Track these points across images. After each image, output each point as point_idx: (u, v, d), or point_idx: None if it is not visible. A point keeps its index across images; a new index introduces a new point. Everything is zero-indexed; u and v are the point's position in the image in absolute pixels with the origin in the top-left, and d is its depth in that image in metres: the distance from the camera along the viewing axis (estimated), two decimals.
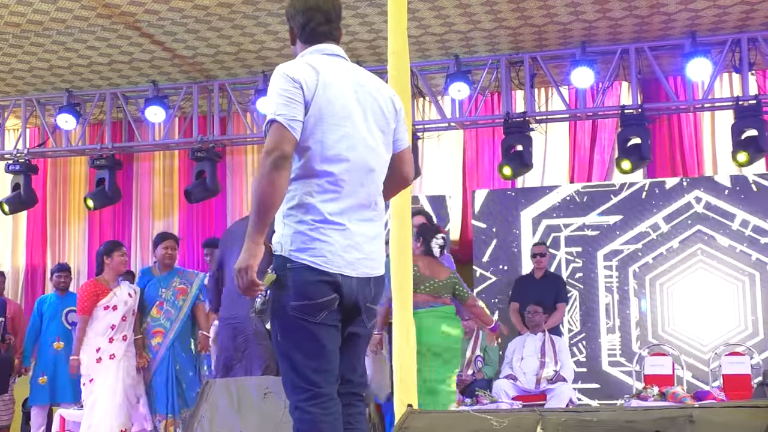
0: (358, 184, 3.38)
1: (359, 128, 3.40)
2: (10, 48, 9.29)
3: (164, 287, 7.97)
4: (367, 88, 3.49)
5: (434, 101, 9.96)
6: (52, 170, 11.91)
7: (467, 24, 8.81)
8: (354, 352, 3.48)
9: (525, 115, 9.54)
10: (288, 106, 3.25)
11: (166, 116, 10.27)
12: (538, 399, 8.16)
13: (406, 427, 2.79)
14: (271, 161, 3.20)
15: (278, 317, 3.34)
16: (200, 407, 5.70)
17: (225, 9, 8.34)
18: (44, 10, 8.30)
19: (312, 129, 3.30)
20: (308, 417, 3.26)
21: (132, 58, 9.66)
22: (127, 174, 11.45)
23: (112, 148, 10.76)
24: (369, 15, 8.52)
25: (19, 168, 10.72)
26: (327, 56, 3.49)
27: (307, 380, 3.28)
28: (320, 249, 3.28)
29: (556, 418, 2.72)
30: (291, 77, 3.29)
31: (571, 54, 9.34)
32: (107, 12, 8.39)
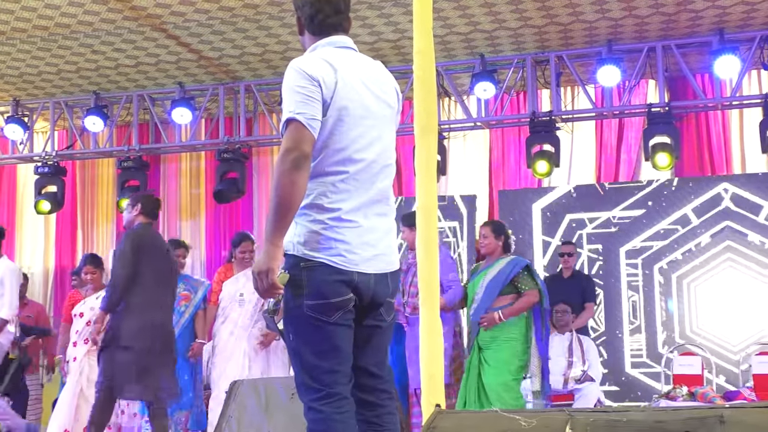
0: (372, 181, 3.37)
1: (375, 126, 3.40)
2: (39, 51, 9.36)
3: None
4: (377, 81, 3.49)
5: (460, 101, 9.95)
6: (81, 172, 11.99)
7: (492, 23, 8.79)
8: (378, 346, 3.46)
9: (551, 114, 9.51)
10: (307, 104, 3.23)
11: (193, 118, 10.31)
12: (566, 399, 8.13)
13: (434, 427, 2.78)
14: (290, 161, 3.18)
15: (292, 317, 3.32)
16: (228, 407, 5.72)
17: (250, 10, 8.37)
18: (71, 14, 8.36)
19: (330, 129, 3.28)
20: (321, 416, 3.25)
21: (158, 60, 9.71)
22: (154, 175, 11.50)
23: (139, 150, 10.82)
24: (394, 15, 8.51)
25: (48, 170, 10.80)
26: (339, 49, 3.47)
27: (319, 380, 3.27)
28: (336, 248, 3.26)
29: (585, 418, 2.70)
30: (309, 74, 3.26)
31: (597, 52, 9.30)
32: (134, 14, 8.43)
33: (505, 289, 7.35)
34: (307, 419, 3.30)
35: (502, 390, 7.15)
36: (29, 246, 12.13)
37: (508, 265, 7.41)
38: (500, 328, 7.29)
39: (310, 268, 3.24)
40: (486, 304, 7.32)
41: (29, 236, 12.18)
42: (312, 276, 3.24)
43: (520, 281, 7.34)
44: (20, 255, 11.83)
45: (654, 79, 9.69)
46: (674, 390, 7.52)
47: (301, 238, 3.26)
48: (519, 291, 7.34)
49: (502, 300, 7.33)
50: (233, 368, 7.85)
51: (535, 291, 7.34)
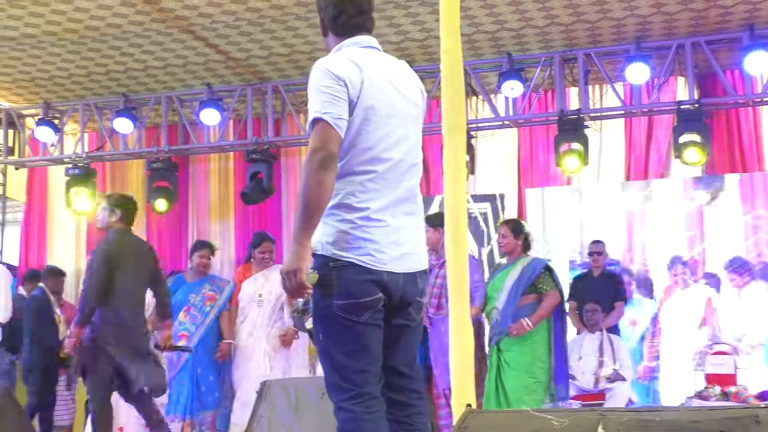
0: (400, 180, 3.38)
1: (401, 125, 3.40)
2: (68, 54, 9.42)
3: (194, 293, 8.14)
4: (403, 80, 3.50)
5: (487, 100, 9.92)
6: (111, 173, 12.05)
7: (519, 21, 8.75)
8: (407, 345, 3.46)
9: (579, 112, 9.45)
10: (333, 104, 3.23)
11: (221, 119, 10.34)
12: (597, 398, 8.10)
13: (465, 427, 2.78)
14: (317, 161, 3.18)
15: (321, 317, 3.33)
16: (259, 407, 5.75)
17: (278, 11, 8.38)
18: (100, 16, 8.41)
19: (357, 128, 3.28)
20: (351, 416, 3.25)
21: (186, 61, 9.75)
22: (183, 176, 11.54)
23: (168, 151, 10.87)
24: (421, 14, 8.50)
25: (79, 172, 10.86)
26: (364, 49, 3.46)
27: (348, 380, 3.27)
28: (365, 247, 3.26)
29: (618, 418, 2.68)
30: (335, 74, 3.27)
31: (625, 50, 9.23)
32: (161, 16, 8.47)
33: (527, 290, 7.34)
34: (338, 419, 3.30)
35: (524, 393, 7.14)
36: (60, 247, 12.21)
37: (530, 266, 7.41)
38: None
39: (339, 268, 3.25)
40: (511, 306, 7.31)
41: (60, 237, 12.25)
42: (341, 276, 3.25)
43: (540, 282, 7.34)
44: (52, 256, 11.91)
45: (683, 76, 9.61)
46: (707, 389, 7.48)
47: (330, 237, 3.27)
48: (539, 291, 7.33)
49: (525, 300, 7.33)
50: (254, 369, 7.91)
51: (556, 292, 7.34)
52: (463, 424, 2.83)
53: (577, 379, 8.36)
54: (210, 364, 8.09)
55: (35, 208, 12.33)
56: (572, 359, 8.52)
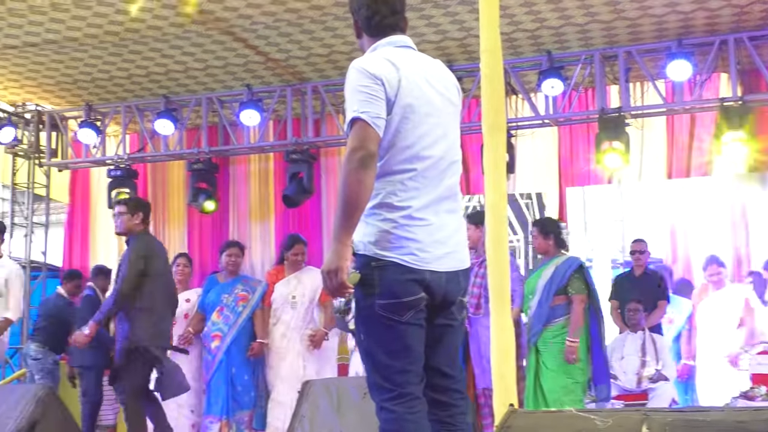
0: (440, 178, 3.37)
1: (440, 123, 3.39)
2: (110, 56, 9.51)
3: (227, 293, 8.19)
4: (439, 78, 3.49)
5: (527, 98, 9.87)
6: (152, 175, 12.14)
7: (559, 19, 8.71)
8: (449, 345, 3.45)
9: (620, 110, 9.37)
10: (371, 103, 3.23)
11: (261, 119, 10.37)
12: (640, 398, 8.05)
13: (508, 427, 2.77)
14: (357, 160, 3.18)
15: (363, 317, 3.32)
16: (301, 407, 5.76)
17: (317, 11, 8.40)
18: (141, 18, 8.48)
19: (396, 127, 3.28)
20: (393, 416, 3.24)
21: (226, 62, 9.80)
22: (223, 177, 11.60)
23: (209, 152, 10.93)
24: (459, 13, 8.48)
25: (120, 173, 10.95)
26: (399, 48, 3.47)
27: (391, 380, 3.26)
28: (408, 246, 3.25)
29: (662, 418, 2.66)
30: (372, 74, 3.27)
31: (666, 47, 9.14)
32: (201, 18, 8.52)
33: (559, 290, 7.28)
34: (380, 419, 3.30)
35: (562, 393, 7.09)
36: (103, 248, 12.30)
37: (563, 266, 7.33)
38: (558, 332, 7.22)
39: (381, 268, 3.24)
40: (543, 308, 7.26)
41: (103, 238, 12.35)
42: (383, 275, 3.24)
43: (570, 284, 7.25)
44: (94, 256, 12.01)
45: (726, 72, 9.51)
46: (752, 389, 7.40)
47: (371, 237, 3.27)
48: (568, 294, 7.25)
49: (557, 301, 7.27)
50: (287, 369, 7.94)
51: (581, 296, 7.22)
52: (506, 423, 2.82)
53: (619, 379, 8.31)
54: (244, 364, 8.14)
55: (78, 210, 12.44)
56: (614, 359, 8.47)
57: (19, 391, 6.74)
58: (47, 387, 6.69)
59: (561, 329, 7.22)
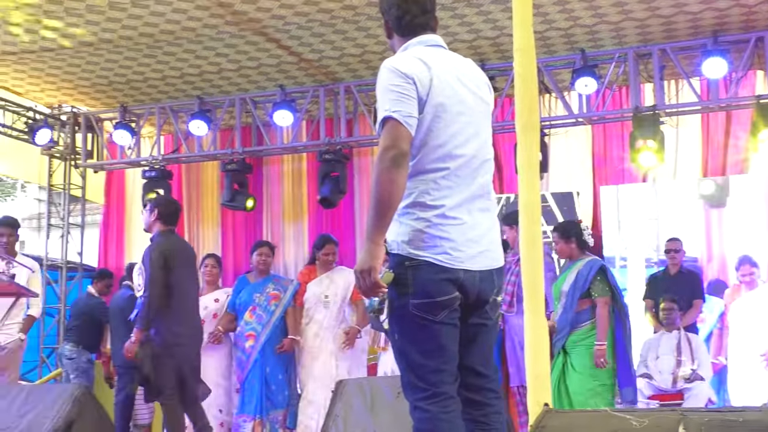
0: (473, 176, 3.36)
1: (471, 122, 3.38)
2: (144, 58, 9.58)
3: (258, 292, 8.21)
4: (471, 77, 3.48)
5: (561, 97, 9.83)
6: (186, 175, 12.22)
7: (593, 17, 8.67)
8: (483, 344, 3.44)
9: (655, 108, 9.31)
10: (403, 102, 3.23)
11: (294, 120, 10.41)
12: (675, 398, 7.98)
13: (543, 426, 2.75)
14: (389, 159, 3.17)
15: (397, 316, 3.32)
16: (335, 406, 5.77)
17: (349, 12, 8.42)
18: (175, 20, 8.53)
19: (428, 126, 3.28)
20: (427, 415, 3.24)
21: (260, 63, 9.84)
22: (257, 178, 11.65)
23: (242, 153, 10.97)
24: (492, 12, 8.47)
25: (155, 174, 11.03)
26: (430, 47, 3.46)
27: (425, 380, 3.26)
28: (441, 246, 3.24)
29: (699, 418, 2.64)
30: (404, 73, 3.27)
31: (702, 44, 9.08)
32: (235, 19, 8.57)
33: (583, 294, 7.20)
34: (414, 418, 3.30)
35: (589, 396, 7.01)
36: (138, 248, 12.33)
37: (585, 268, 7.24)
38: (585, 335, 7.15)
39: (415, 267, 3.24)
40: (569, 313, 7.19)
41: (138, 239, 12.42)
42: (417, 275, 3.23)
43: (592, 287, 7.17)
44: (129, 257, 12.08)
45: (762, 69, 9.42)
46: None
47: (405, 237, 3.26)
48: (591, 297, 7.16)
49: (582, 305, 7.19)
50: (320, 368, 7.95)
51: (605, 299, 7.13)
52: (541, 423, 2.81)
53: (654, 378, 8.25)
54: (278, 363, 8.15)
55: (113, 210, 12.55)
56: (649, 358, 8.41)
57: (56, 390, 6.79)
58: (83, 386, 6.74)
59: (588, 332, 7.15)
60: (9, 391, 6.59)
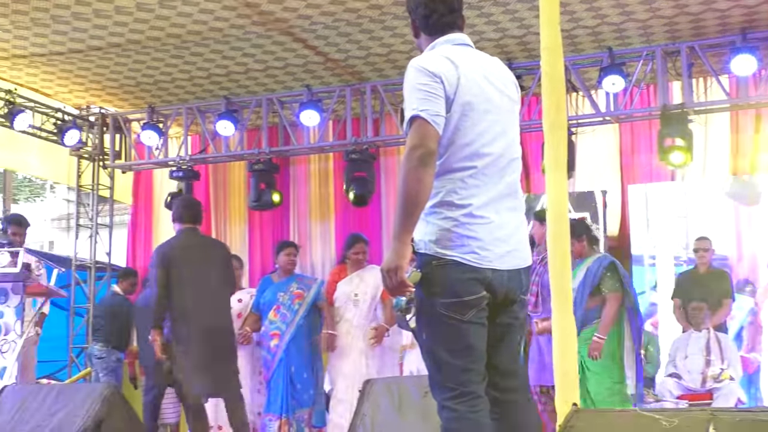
0: (500, 175, 3.35)
1: (499, 120, 3.38)
2: (172, 59, 9.63)
3: (282, 291, 8.23)
4: (498, 75, 3.48)
5: (588, 95, 9.78)
6: (213, 176, 12.27)
7: (620, 15, 8.62)
8: (511, 343, 3.43)
9: (683, 106, 9.25)
10: (430, 101, 3.22)
11: (320, 119, 10.42)
12: (704, 398, 7.93)
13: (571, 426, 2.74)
14: (416, 158, 3.17)
15: (424, 316, 3.32)
16: (362, 406, 5.77)
17: (375, 11, 8.42)
18: (202, 21, 8.57)
19: (455, 125, 3.27)
20: (455, 415, 3.23)
21: (286, 63, 9.86)
22: (283, 178, 11.68)
23: (269, 153, 11.00)
24: (519, 10, 8.44)
25: (182, 174, 11.08)
26: (457, 46, 3.46)
27: (453, 379, 3.25)
28: (469, 245, 3.24)
29: (730, 418, 2.61)
30: (431, 71, 3.26)
31: (730, 41, 9.00)
32: (261, 19, 8.59)
33: (593, 291, 7.14)
34: (441, 418, 3.29)
35: (607, 395, 6.97)
36: None
37: (594, 265, 7.19)
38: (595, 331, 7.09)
39: (442, 266, 3.23)
40: (579, 310, 7.10)
41: (166, 239, 12.48)
42: (445, 274, 3.23)
43: (602, 283, 7.11)
44: None
45: None
46: None
47: (432, 236, 3.26)
48: (601, 293, 7.12)
49: (592, 302, 7.13)
50: (350, 367, 7.96)
51: (616, 294, 7.08)
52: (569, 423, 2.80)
53: (683, 378, 8.21)
54: (303, 362, 8.17)
55: (141, 211, 12.61)
56: (678, 358, 8.37)
57: (85, 390, 6.85)
58: (112, 386, 6.79)
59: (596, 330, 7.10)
60: (39, 390, 6.65)
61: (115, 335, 9.59)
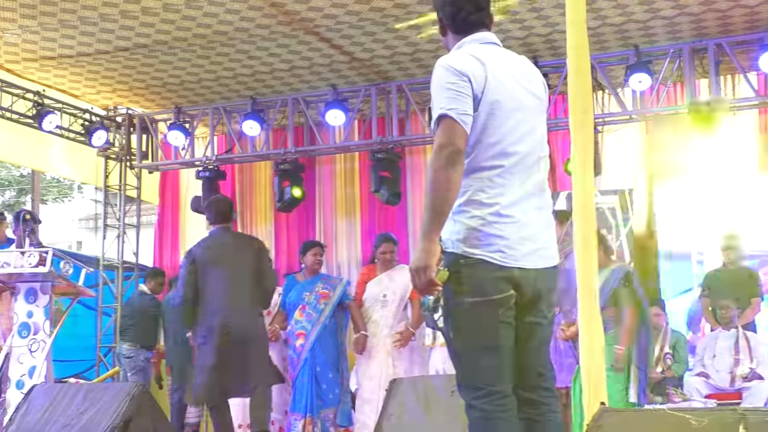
0: (528, 174, 3.34)
1: (527, 119, 3.37)
2: (198, 59, 9.67)
3: (308, 291, 8.25)
4: (525, 74, 3.47)
5: (614, 94, 9.74)
6: (240, 175, 12.31)
7: (647, 12, 8.58)
8: (539, 342, 3.42)
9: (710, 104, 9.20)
10: (457, 100, 3.22)
11: (346, 119, 10.43)
12: (733, 397, 7.88)
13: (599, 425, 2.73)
14: (444, 157, 3.17)
15: (452, 315, 3.31)
16: (389, 405, 5.77)
17: (401, 10, 8.41)
18: (228, 21, 8.59)
19: (483, 123, 3.27)
20: (482, 414, 3.23)
21: (312, 63, 9.88)
22: (309, 177, 11.70)
23: (295, 153, 11.02)
24: (545, 9, 8.41)
25: (209, 174, 11.12)
26: (485, 45, 3.45)
27: (480, 378, 3.25)
28: (496, 244, 3.23)
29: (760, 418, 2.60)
30: (458, 70, 3.25)
31: (759, 38, 8.94)
32: (287, 19, 8.61)
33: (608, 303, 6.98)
34: (469, 417, 3.29)
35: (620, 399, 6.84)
36: None
37: (611, 276, 7.02)
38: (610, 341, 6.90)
39: (470, 265, 3.23)
40: None
41: (193, 238, 12.49)
42: (472, 273, 3.23)
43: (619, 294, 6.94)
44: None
45: None
46: None
47: (460, 235, 3.26)
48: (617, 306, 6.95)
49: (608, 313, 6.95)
50: (377, 367, 7.96)
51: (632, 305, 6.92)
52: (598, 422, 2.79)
53: (711, 377, 8.15)
54: (329, 362, 8.18)
55: (168, 211, 12.68)
56: (706, 357, 8.33)
57: (114, 389, 6.88)
58: (140, 385, 6.82)
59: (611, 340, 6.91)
60: (68, 389, 6.69)
61: (144, 335, 9.64)
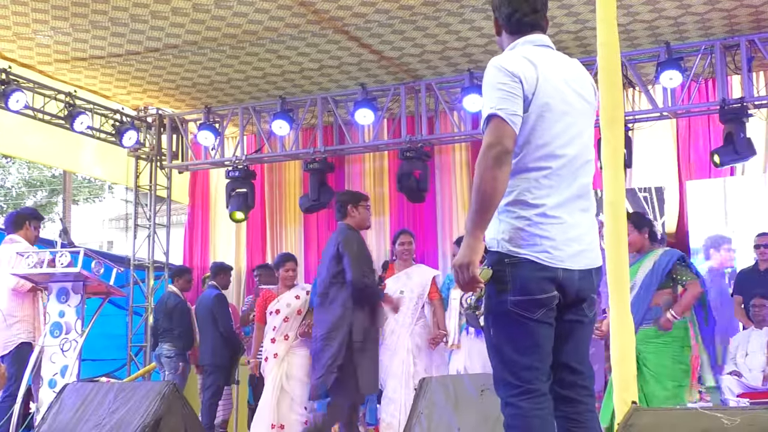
0: (574, 177, 3.35)
1: (575, 122, 3.38)
2: (228, 59, 9.70)
3: None
4: (576, 77, 3.47)
5: (645, 91, 9.68)
6: (269, 175, 12.35)
7: (678, 9, 8.52)
8: (578, 341, 3.43)
9: (743, 100, 9.11)
10: (508, 100, 3.23)
11: (375, 118, 10.43)
12: (766, 396, 7.79)
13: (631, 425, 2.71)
14: (492, 156, 3.18)
15: (494, 313, 3.33)
16: (418, 404, 5.77)
17: (430, 8, 8.41)
18: (258, 20, 8.62)
19: (532, 125, 3.28)
20: (519, 412, 3.24)
21: (341, 62, 9.89)
22: (339, 176, 11.72)
23: (324, 152, 11.04)
24: (575, 5, 8.38)
25: (239, 174, 11.16)
26: (538, 47, 3.46)
27: (518, 377, 3.26)
28: (542, 244, 3.25)
29: None
30: (510, 71, 3.27)
31: None
32: (316, 18, 8.62)
33: (662, 284, 6.89)
34: (505, 414, 3.30)
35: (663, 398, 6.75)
36: (222, 247, 12.57)
37: (664, 258, 6.92)
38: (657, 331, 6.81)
39: (514, 265, 3.25)
40: (645, 301, 6.88)
41: (222, 238, 12.63)
42: (516, 272, 3.24)
43: (677, 273, 6.83)
44: (214, 256, 12.27)
45: None
46: None
47: (505, 234, 3.27)
48: (677, 284, 6.86)
49: (660, 295, 6.85)
50: (398, 365, 7.94)
51: (697, 282, 6.83)
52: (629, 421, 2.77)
53: (743, 376, 8.08)
54: None
55: (198, 210, 12.74)
56: (738, 355, 8.26)
57: (145, 388, 6.91)
58: (171, 384, 6.85)
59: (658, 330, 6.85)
60: (100, 388, 6.73)
61: (182, 337, 9.65)
